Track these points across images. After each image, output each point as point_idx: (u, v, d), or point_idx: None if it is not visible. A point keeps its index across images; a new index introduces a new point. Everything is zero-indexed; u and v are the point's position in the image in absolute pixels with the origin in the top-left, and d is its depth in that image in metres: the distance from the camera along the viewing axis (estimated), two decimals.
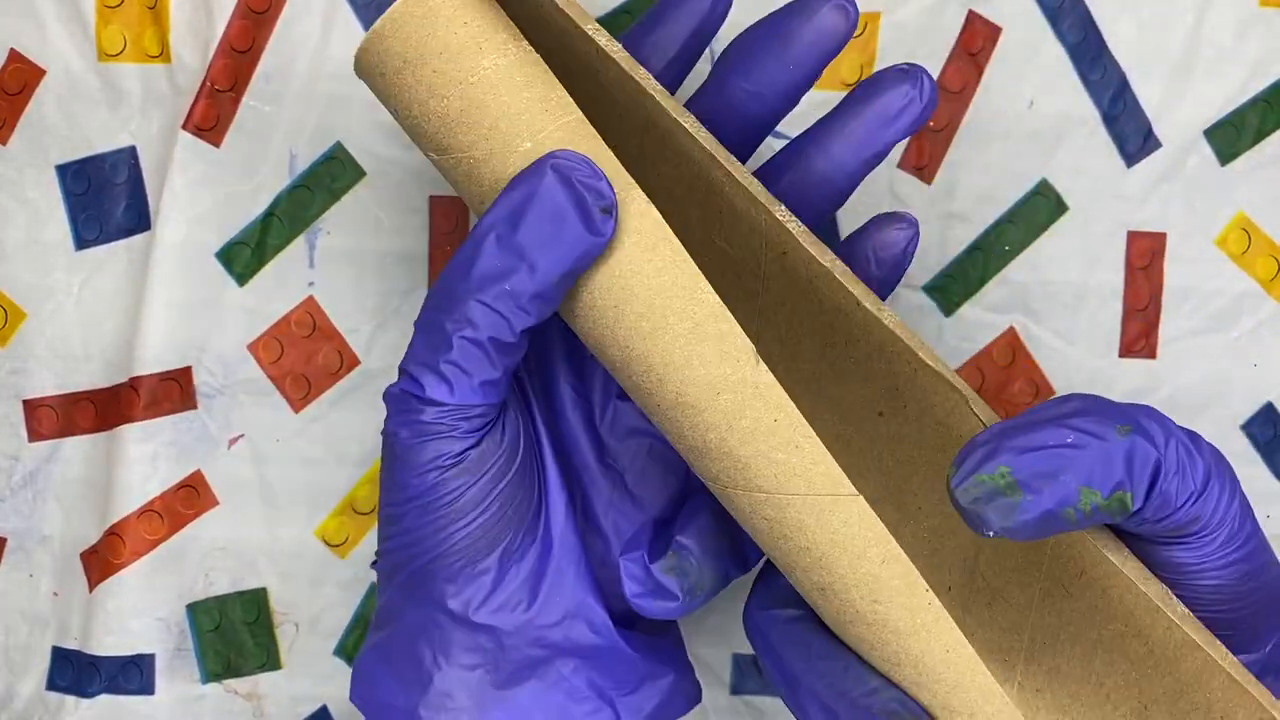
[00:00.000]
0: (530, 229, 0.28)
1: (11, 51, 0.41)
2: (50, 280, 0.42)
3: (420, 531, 0.30)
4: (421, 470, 0.30)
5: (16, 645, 0.43)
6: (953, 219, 0.42)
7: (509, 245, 0.28)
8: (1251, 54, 0.41)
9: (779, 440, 0.29)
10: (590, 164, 0.29)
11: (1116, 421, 0.28)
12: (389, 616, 0.32)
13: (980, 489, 0.27)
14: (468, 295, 0.29)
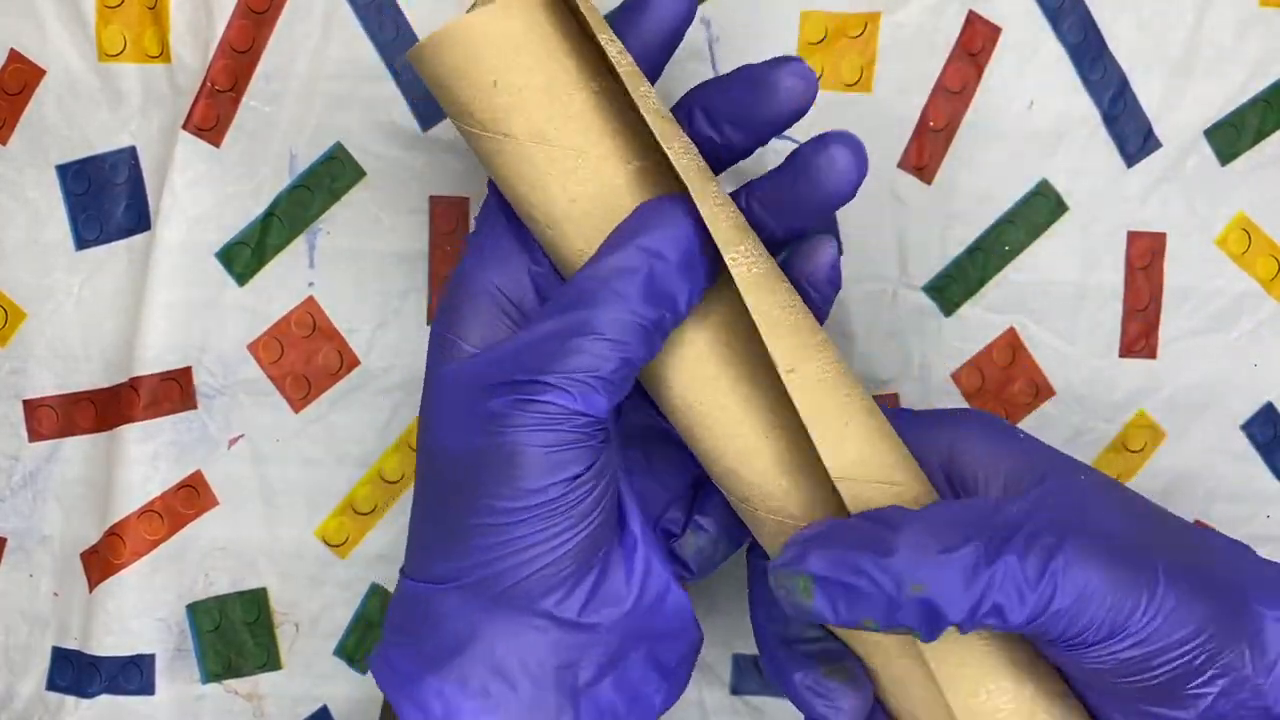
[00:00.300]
0: (673, 277, 0.30)
1: (11, 51, 0.41)
2: (50, 280, 0.42)
3: (532, 540, 0.30)
4: (554, 479, 0.30)
5: (16, 645, 0.43)
6: (953, 219, 0.42)
7: (660, 279, 0.30)
8: (1251, 54, 0.41)
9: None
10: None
11: (919, 570, 0.28)
12: (468, 634, 0.31)
13: (784, 585, 0.29)
14: (624, 313, 0.29)
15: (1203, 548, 0.30)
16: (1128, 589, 0.28)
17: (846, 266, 0.42)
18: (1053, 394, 0.42)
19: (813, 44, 0.41)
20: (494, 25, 0.30)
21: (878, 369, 0.42)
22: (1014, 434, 0.33)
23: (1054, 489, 0.30)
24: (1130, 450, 0.43)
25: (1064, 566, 0.28)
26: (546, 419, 0.29)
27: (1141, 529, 0.30)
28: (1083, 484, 0.31)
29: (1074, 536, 0.28)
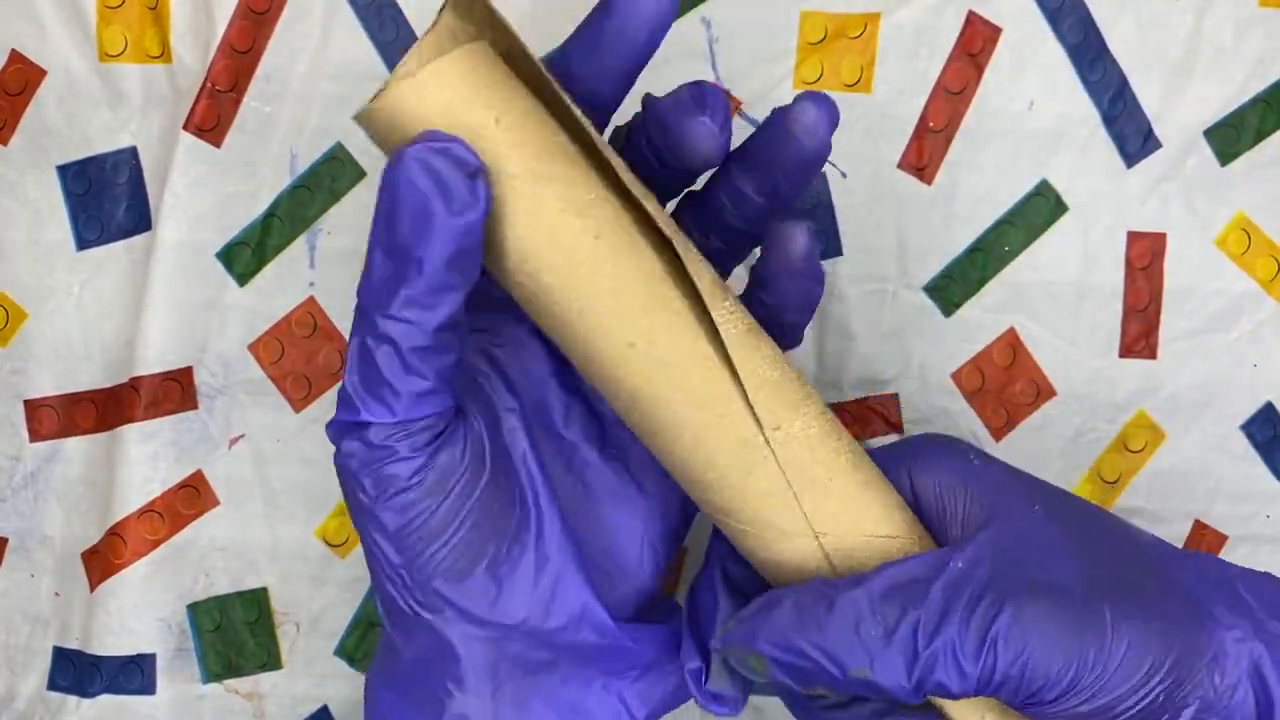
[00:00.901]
0: (403, 226, 0.27)
1: (12, 52, 0.41)
2: (51, 280, 0.42)
3: (404, 557, 0.30)
4: (385, 498, 0.29)
5: (18, 645, 0.43)
6: (953, 219, 0.42)
7: (392, 250, 0.27)
8: (1251, 54, 0.41)
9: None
10: (441, 135, 0.27)
11: (857, 654, 0.28)
12: (390, 646, 0.32)
13: (737, 661, 0.31)
14: (374, 310, 0.28)
15: (1158, 572, 0.30)
16: (1075, 645, 0.28)
17: (847, 266, 0.42)
18: (1053, 394, 0.42)
19: (813, 44, 0.41)
20: (433, 91, 0.28)
21: (878, 369, 0.42)
22: (966, 463, 0.32)
23: (997, 534, 0.30)
24: (1130, 450, 0.43)
25: (1003, 634, 0.28)
26: (350, 436, 0.29)
27: (1090, 570, 0.29)
28: (1029, 525, 0.30)
29: (1014, 598, 0.28)
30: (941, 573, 0.29)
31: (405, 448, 0.29)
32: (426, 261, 0.27)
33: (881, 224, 0.42)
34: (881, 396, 0.42)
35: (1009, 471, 0.32)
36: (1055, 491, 0.32)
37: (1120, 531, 0.32)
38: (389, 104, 0.27)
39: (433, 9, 0.41)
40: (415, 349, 0.28)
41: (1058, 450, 0.43)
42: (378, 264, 0.28)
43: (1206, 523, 0.43)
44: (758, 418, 0.30)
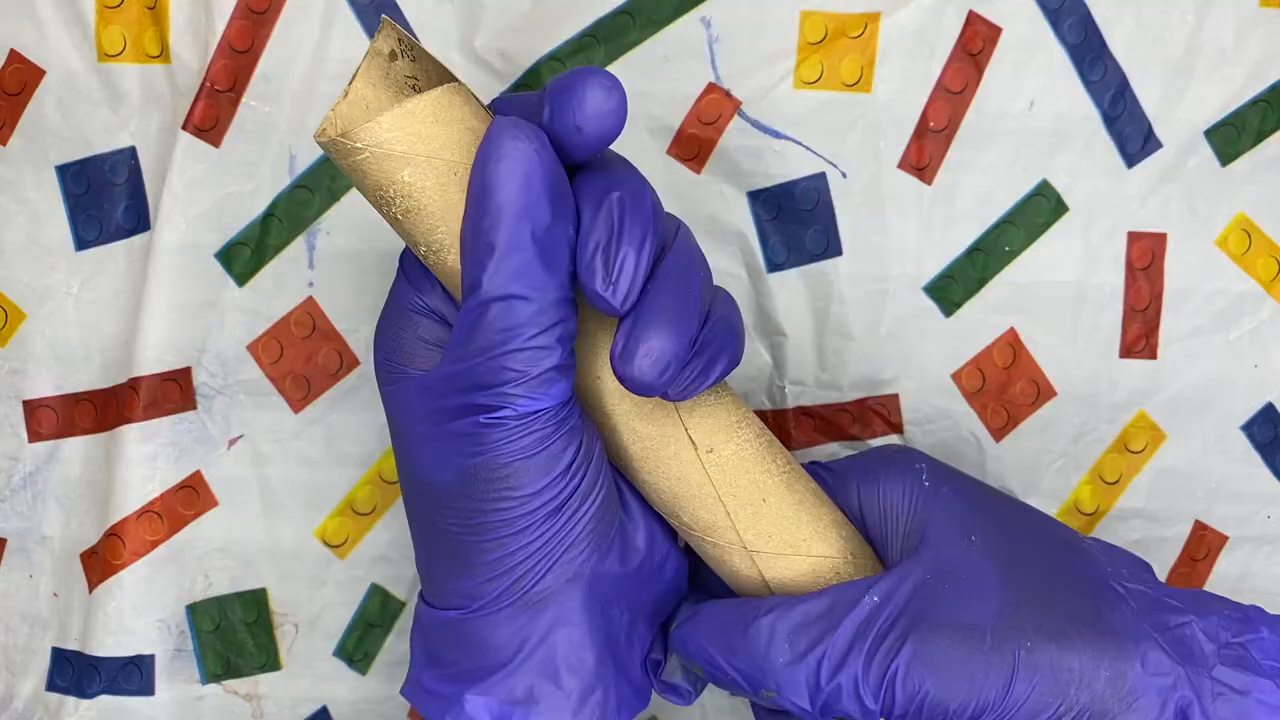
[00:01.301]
0: (553, 229, 0.29)
1: (11, 52, 0.41)
2: (50, 281, 0.42)
3: (545, 537, 0.30)
4: (549, 477, 0.30)
5: (16, 646, 0.43)
6: (953, 219, 0.42)
7: (545, 241, 0.29)
8: (1251, 54, 0.41)
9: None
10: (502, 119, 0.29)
11: (767, 676, 0.30)
12: (514, 646, 0.31)
13: (682, 663, 0.33)
14: (536, 294, 0.29)
15: (1093, 610, 0.31)
16: (976, 686, 0.29)
17: (846, 266, 0.42)
18: (1054, 394, 0.42)
19: (813, 44, 0.41)
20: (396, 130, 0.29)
21: (878, 369, 0.42)
22: (915, 484, 0.34)
23: (921, 566, 0.31)
24: (1131, 451, 0.43)
25: (902, 673, 0.29)
26: (520, 426, 0.29)
27: (1011, 609, 0.30)
28: (957, 558, 0.31)
29: (919, 636, 0.30)
30: (854, 608, 0.30)
31: (564, 425, 0.30)
32: (541, 235, 0.29)
33: (881, 224, 0.42)
34: (882, 396, 0.42)
35: (958, 495, 0.33)
36: (1007, 516, 0.33)
37: (1064, 562, 0.32)
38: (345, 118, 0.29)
39: (433, 10, 0.41)
40: (550, 321, 0.29)
41: (1058, 450, 0.43)
42: (541, 280, 0.29)
43: (1206, 523, 0.43)
44: (693, 440, 0.32)
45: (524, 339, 0.29)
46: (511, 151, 0.28)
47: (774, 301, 0.42)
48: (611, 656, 0.32)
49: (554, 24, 0.41)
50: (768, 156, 0.41)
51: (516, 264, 0.28)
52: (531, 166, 0.28)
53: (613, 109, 0.29)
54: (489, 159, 0.28)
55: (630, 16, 0.41)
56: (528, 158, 0.28)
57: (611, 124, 0.29)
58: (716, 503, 0.32)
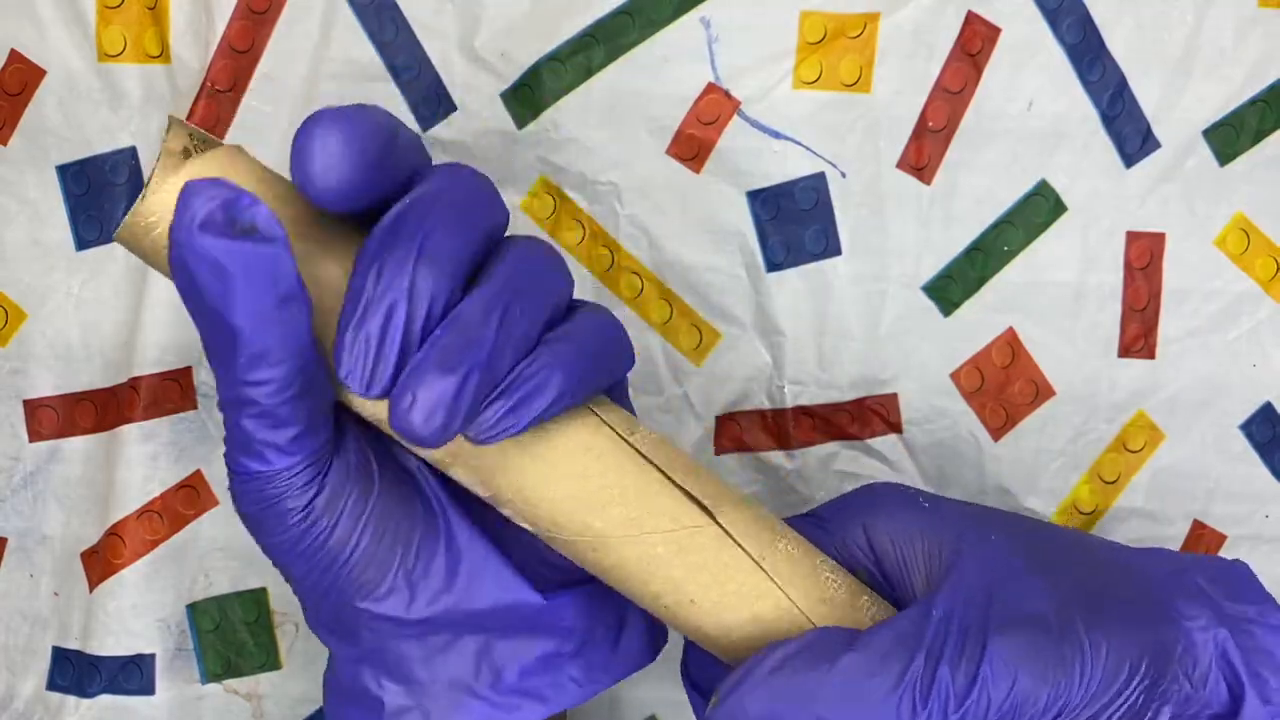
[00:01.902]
0: (208, 297, 0.25)
1: (12, 52, 0.41)
2: (50, 281, 0.42)
3: (313, 578, 0.31)
4: (282, 532, 0.30)
5: (17, 645, 0.43)
6: (952, 219, 0.42)
7: (209, 324, 0.26)
8: (1251, 54, 0.42)
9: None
10: (218, 185, 0.25)
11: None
12: (330, 659, 0.33)
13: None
14: (225, 380, 0.27)
15: (1118, 578, 0.31)
16: (1060, 668, 0.29)
17: (847, 266, 0.42)
18: (1053, 394, 0.42)
19: (813, 44, 0.41)
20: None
21: (877, 368, 0.42)
22: (916, 503, 0.33)
23: (966, 574, 0.30)
24: (1130, 450, 0.43)
25: (991, 672, 0.28)
26: (242, 490, 0.30)
27: (1058, 589, 0.30)
28: (992, 558, 0.31)
29: (996, 634, 0.29)
30: (926, 625, 0.29)
31: (297, 484, 0.29)
32: (243, 323, 0.25)
33: (881, 224, 0.42)
34: (881, 396, 0.42)
35: (958, 506, 0.33)
36: (1004, 518, 0.33)
37: (1075, 543, 0.32)
38: (148, 210, 0.26)
39: (434, 11, 0.41)
40: (278, 404, 0.27)
41: (1057, 450, 0.43)
42: (206, 339, 0.27)
43: (1205, 522, 0.43)
44: (705, 507, 0.30)
45: (249, 420, 0.28)
46: (193, 244, 0.25)
47: (774, 301, 0.42)
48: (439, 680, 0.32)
49: (554, 24, 0.41)
50: (767, 156, 0.41)
51: (222, 367, 0.27)
52: (216, 256, 0.25)
53: (332, 162, 0.25)
54: (182, 246, 0.25)
55: (630, 16, 0.41)
56: (210, 247, 0.25)
57: (336, 178, 0.25)
58: (740, 554, 0.30)
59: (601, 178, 0.41)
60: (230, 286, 0.25)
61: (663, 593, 0.30)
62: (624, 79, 0.41)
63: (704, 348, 0.42)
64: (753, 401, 0.43)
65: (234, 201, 0.25)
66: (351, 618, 0.31)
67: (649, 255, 0.42)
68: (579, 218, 0.42)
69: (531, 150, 0.41)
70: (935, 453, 0.42)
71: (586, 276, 0.42)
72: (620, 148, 0.41)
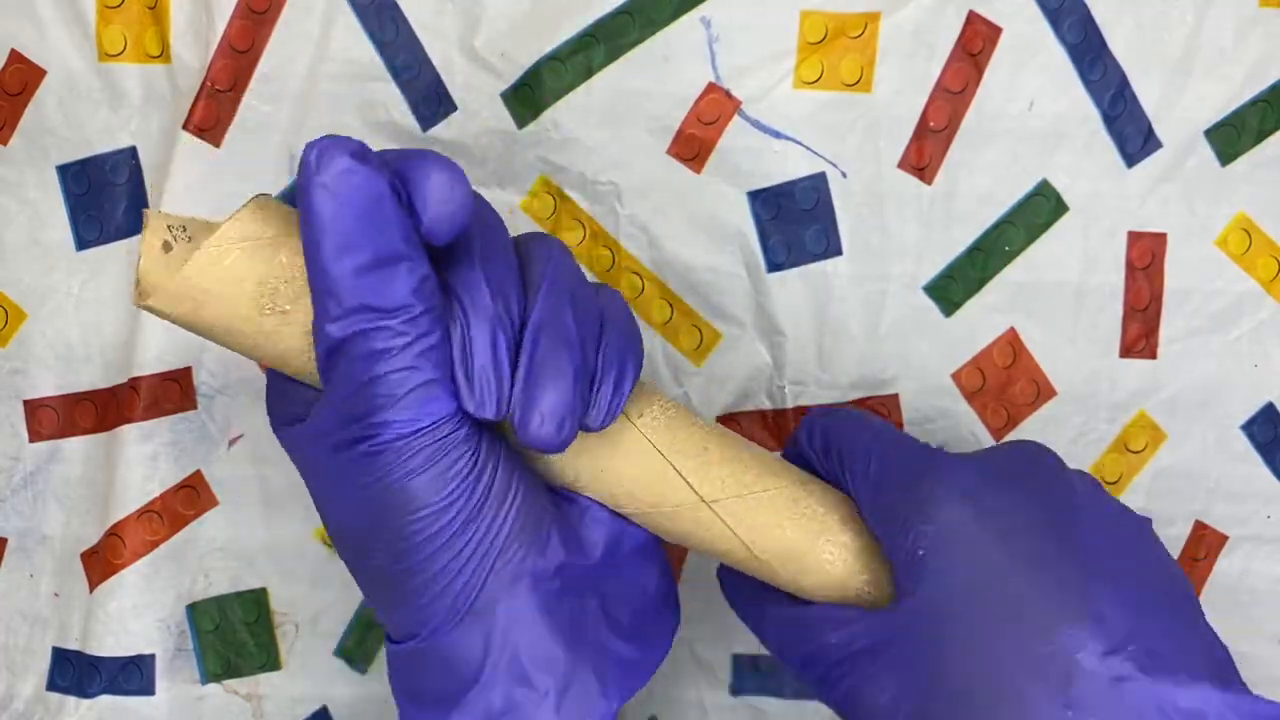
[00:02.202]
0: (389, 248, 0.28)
1: (12, 52, 0.41)
2: (50, 281, 0.42)
3: (471, 546, 0.30)
4: (446, 491, 0.29)
5: (17, 646, 0.43)
6: (953, 219, 0.42)
7: (381, 265, 0.28)
8: (1251, 54, 0.41)
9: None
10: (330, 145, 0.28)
11: None
12: (478, 658, 0.31)
13: None
14: (386, 331, 0.28)
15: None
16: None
17: (847, 266, 0.42)
18: (1053, 394, 0.42)
19: (813, 44, 0.41)
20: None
21: (878, 369, 0.42)
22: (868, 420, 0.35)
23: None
24: (1131, 451, 0.43)
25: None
26: (405, 448, 0.29)
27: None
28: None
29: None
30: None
31: (459, 434, 0.29)
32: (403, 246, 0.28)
33: (881, 224, 0.42)
34: (882, 396, 0.42)
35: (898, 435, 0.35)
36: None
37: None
38: (192, 272, 0.29)
39: (434, 11, 0.41)
40: (431, 335, 0.29)
41: (1058, 450, 0.42)
42: (359, 278, 0.28)
43: (1206, 523, 0.43)
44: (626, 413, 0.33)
45: (384, 365, 0.28)
46: (322, 181, 0.27)
47: (774, 301, 0.42)
48: (586, 643, 0.32)
49: (554, 24, 0.41)
50: (768, 156, 0.41)
51: (352, 298, 0.28)
52: (345, 188, 0.27)
53: (457, 205, 0.29)
54: (304, 189, 0.28)
55: (630, 16, 0.41)
56: (339, 181, 0.27)
57: (458, 220, 0.29)
58: (664, 465, 0.32)
59: (602, 178, 0.41)
60: (379, 227, 0.28)
61: (731, 550, 0.33)
62: (624, 79, 0.41)
63: (704, 348, 0.42)
64: (753, 402, 0.42)
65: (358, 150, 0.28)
66: (494, 590, 0.30)
67: (649, 255, 0.42)
68: (579, 218, 0.42)
69: (531, 150, 0.41)
70: None
71: (587, 277, 0.42)
72: (621, 148, 0.41)
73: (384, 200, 0.28)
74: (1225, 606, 0.43)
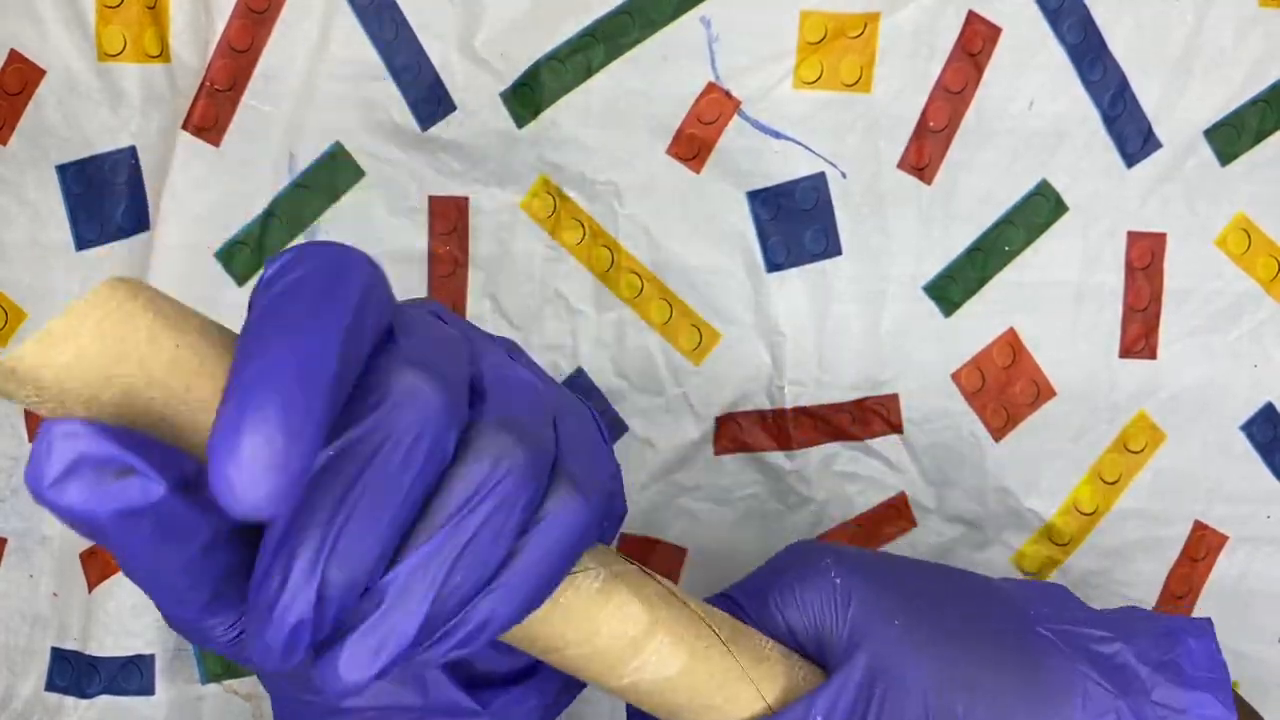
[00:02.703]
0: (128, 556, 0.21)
1: (12, 52, 0.41)
2: (50, 281, 0.42)
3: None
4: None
5: (16, 646, 0.43)
6: (953, 219, 0.42)
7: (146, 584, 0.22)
8: (1251, 54, 0.41)
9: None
10: (97, 435, 0.21)
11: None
12: None
13: None
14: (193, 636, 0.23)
15: (1018, 653, 0.31)
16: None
17: (847, 266, 0.42)
18: (1053, 394, 0.42)
19: (813, 44, 0.41)
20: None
21: (877, 369, 0.42)
22: (828, 585, 0.32)
23: (855, 668, 0.30)
24: (1131, 450, 0.43)
25: None
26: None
27: (942, 679, 0.30)
28: (884, 651, 0.31)
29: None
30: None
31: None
32: (166, 599, 0.22)
33: (881, 224, 0.42)
34: (881, 396, 0.42)
35: (870, 583, 0.32)
36: (923, 588, 0.32)
37: (988, 620, 0.32)
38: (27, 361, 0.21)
39: (434, 11, 0.41)
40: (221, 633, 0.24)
41: (1057, 450, 0.42)
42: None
43: (1206, 523, 0.43)
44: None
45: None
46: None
47: (773, 302, 0.42)
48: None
49: (554, 24, 0.41)
50: (767, 156, 0.41)
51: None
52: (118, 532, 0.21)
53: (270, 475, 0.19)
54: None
55: (630, 16, 0.41)
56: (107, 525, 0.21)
57: (277, 491, 0.19)
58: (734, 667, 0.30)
59: (601, 177, 0.41)
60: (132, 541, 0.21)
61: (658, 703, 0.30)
62: (624, 79, 0.41)
63: (704, 348, 0.42)
64: (753, 402, 0.42)
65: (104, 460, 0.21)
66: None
67: (649, 255, 0.42)
68: (579, 217, 0.42)
69: (531, 150, 0.41)
70: (936, 453, 0.42)
71: (587, 276, 0.42)
72: (620, 147, 0.41)
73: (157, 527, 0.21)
74: (1225, 607, 0.43)
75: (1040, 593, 0.33)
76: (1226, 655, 0.42)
